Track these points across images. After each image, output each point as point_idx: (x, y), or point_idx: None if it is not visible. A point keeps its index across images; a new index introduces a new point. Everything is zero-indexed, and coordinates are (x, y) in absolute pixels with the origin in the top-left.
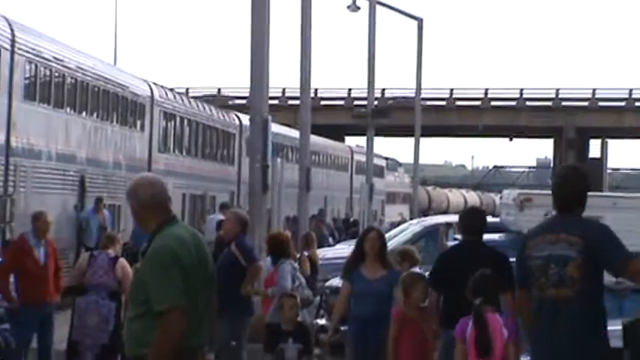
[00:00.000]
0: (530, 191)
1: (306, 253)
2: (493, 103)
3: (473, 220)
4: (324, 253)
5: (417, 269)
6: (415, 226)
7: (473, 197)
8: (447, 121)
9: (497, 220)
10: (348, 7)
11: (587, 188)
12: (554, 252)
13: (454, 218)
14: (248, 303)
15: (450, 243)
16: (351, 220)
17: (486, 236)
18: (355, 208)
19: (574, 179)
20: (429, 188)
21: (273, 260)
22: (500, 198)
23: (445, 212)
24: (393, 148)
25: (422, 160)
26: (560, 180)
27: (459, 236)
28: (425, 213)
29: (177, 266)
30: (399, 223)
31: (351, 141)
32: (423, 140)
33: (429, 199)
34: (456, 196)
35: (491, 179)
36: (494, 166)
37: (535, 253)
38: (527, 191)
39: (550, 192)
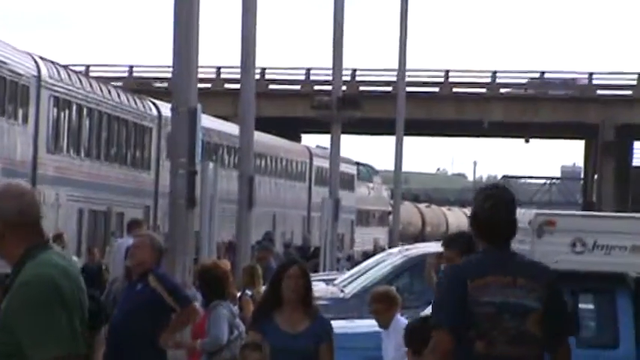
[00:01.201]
0: (552, 211)
1: (248, 293)
2: (503, 90)
3: (462, 247)
4: None
5: (399, 316)
6: (395, 257)
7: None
8: (440, 115)
9: None
10: None
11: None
12: (510, 299)
13: None
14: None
15: None
16: (310, 247)
17: None
18: (315, 232)
19: (509, 203)
20: (422, 206)
21: (205, 302)
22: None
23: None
24: (368, 150)
25: (406, 167)
26: (495, 203)
27: None
28: (416, 239)
29: (61, 302)
30: (373, 253)
31: (310, 140)
32: (408, 140)
33: (423, 221)
34: (458, 217)
35: None
36: (504, 177)
37: (484, 297)
38: (548, 211)
39: (579, 212)
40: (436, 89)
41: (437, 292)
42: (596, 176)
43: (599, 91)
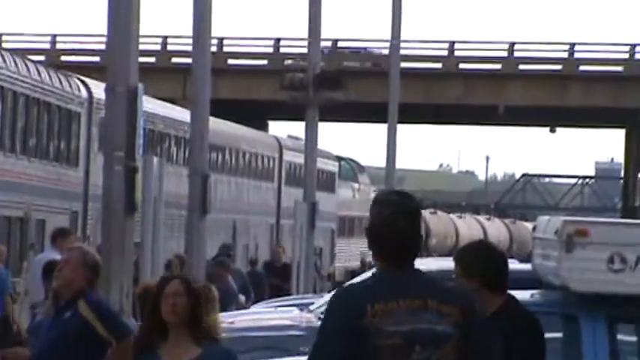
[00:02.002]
0: (585, 218)
1: None
2: (523, 67)
3: (480, 264)
4: (232, 320)
5: None
6: None
7: (497, 228)
8: (443, 98)
9: (527, 266)
10: None
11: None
12: (420, 326)
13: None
14: None
15: None
16: (279, 263)
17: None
18: (287, 243)
19: (413, 212)
20: (426, 212)
21: None
22: (534, 229)
23: (450, 254)
24: (352, 142)
25: (401, 163)
26: (394, 212)
27: None
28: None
29: None
30: (360, 271)
31: (280, 129)
32: (403, 129)
33: (426, 231)
34: (470, 226)
35: (518, 197)
36: (525, 175)
37: (389, 326)
38: (579, 218)
39: (619, 220)
40: (438, 65)
41: (321, 328)
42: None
43: None
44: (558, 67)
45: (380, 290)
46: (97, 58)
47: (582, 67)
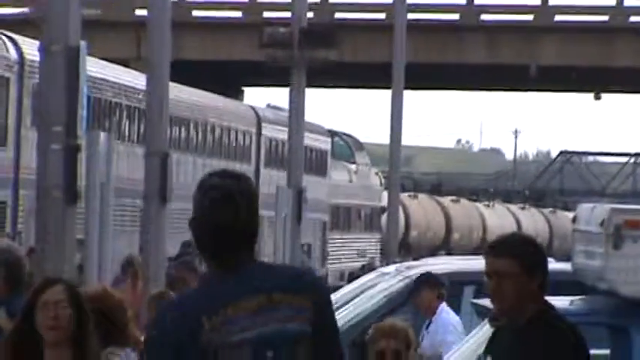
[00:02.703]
0: (637, 207)
1: None
2: (560, 17)
3: (543, 262)
4: None
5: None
6: (392, 279)
7: (534, 220)
8: (462, 57)
9: (567, 266)
10: None
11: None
12: (268, 328)
13: (475, 263)
14: None
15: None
16: None
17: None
18: (266, 240)
19: (243, 194)
20: (447, 200)
21: None
22: (574, 220)
23: (477, 251)
24: (348, 113)
25: (409, 139)
26: (218, 197)
27: (483, 301)
28: (433, 252)
29: None
30: (359, 273)
31: (258, 97)
32: (411, 96)
33: (447, 224)
34: (502, 218)
35: (554, 180)
36: (563, 153)
37: (233, 335)
38: (630, 207)
39: None
40: (455, 17)
41: (146, 352)
42: None
43: None
44: (604, 17)
45: (215, 295)
46: (27, 9)
47: (633, 18)
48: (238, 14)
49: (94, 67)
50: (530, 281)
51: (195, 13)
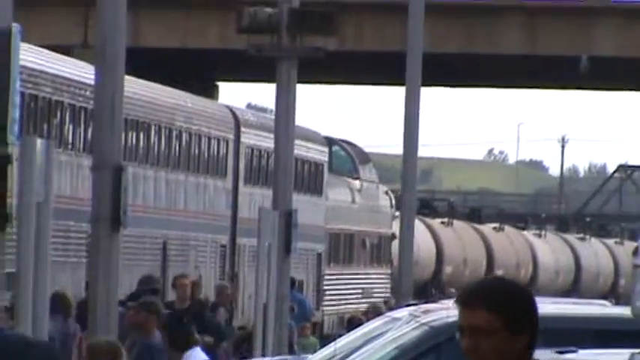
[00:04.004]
0: None
1: None
2: None
3: (532, 313)
4: None
5: None
6: (406, 326)
7: (594, 252)
8: (494, 47)
9: (626, 311)
10: None
11: None
12: None
13: None
14: None
15: None
16: (233, 310)
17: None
18: (247, 275)
19: None
20: (488, 228)
21: None
22: (635, 253)
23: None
24: (350, 116)
25: (428, 149)
26: None
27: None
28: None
29: None
30: (362, 319)
31: (237, 94)
32: (431, 94)
33: (488, 257)
34: (556, 251)
35: (612, 201)
36: (622, 167)
37: None
38: None
39: None
40: None
41: None
42: None
43: None
44: None
45: None
46: None
47: None
48: None
49: (30, 56)
50: (514, 340)
51: None
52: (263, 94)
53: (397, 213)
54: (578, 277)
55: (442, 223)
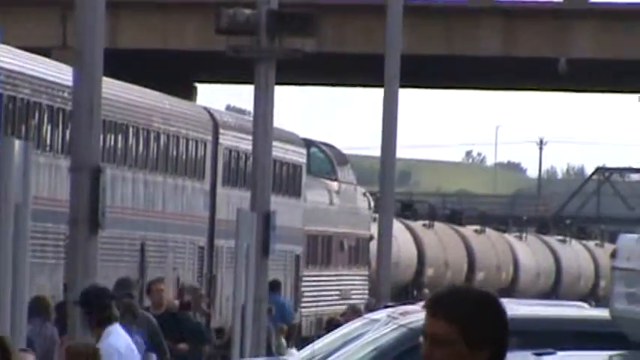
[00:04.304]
0: None
1: None
2: None
3: (494, 324)
4: None
5: None
6: (384, 327)
7: (575, 255)
8: (473, 48)
9: (604, 313)
10: None
11: None
12: None
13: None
14: None
15: None
16: (209, 313)
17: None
18: (225, 277)
19: None
20: (469, 230)
21: None
22: (613, 255)
23: (506, 293)
24: (329, 118)
25: (406, 151)
26: None
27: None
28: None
29: None
30: (340, 320)
31: (215, 96)
32: (409, 96)
33: (469, 260)
34: (537, 253)
35: (590, 204)
36: (600, 169)
37: None
38: None
39: None
40: None
41: None
42: None
43: None
44: None
45: None
46: None
47: None
48: None
49: (8, 57)
50: (473, 355)
51: None
52: (241, 95)
53: (376, 215)
54: (559, 279)
55: (423, 225)
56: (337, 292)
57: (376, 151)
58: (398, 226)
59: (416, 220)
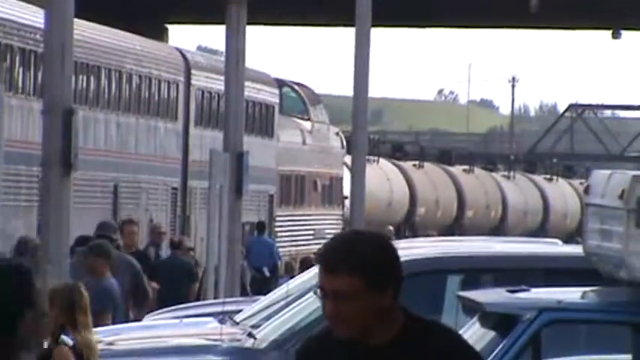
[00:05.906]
0: None
1: (66, 339)
2: None
3: (393, 267)
4: (114, 340)
5: None
6: None
7: (562, 194)
8: None
9: (577, 250)
10: None
11: None
12: None
13: (464, 247)
14: None
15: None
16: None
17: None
18: (198, 218)
19: None
20: (458, 170)
21: None
22: (586, 191)
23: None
24: (301, 57)
25: (379, 90)
26: None
27: (471, 293)
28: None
29: None
30: (314, 260)
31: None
32: (381, 34)
33: (459, 199)
34: (524, 191)
35: (563, 141)
36: (573, 106)
37: None
38: None
39: None
40: None
41: None
42: None
43: None
44: None
45: None
46: None
47: None
48: None
49: None
50: (379, 297)
51: None
52: (213, 36)
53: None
54: (546, 217)
55: (414, 165)
56: (311, 232)
57: (349, 91)
58: (391, 169)
59: (406, 161)
